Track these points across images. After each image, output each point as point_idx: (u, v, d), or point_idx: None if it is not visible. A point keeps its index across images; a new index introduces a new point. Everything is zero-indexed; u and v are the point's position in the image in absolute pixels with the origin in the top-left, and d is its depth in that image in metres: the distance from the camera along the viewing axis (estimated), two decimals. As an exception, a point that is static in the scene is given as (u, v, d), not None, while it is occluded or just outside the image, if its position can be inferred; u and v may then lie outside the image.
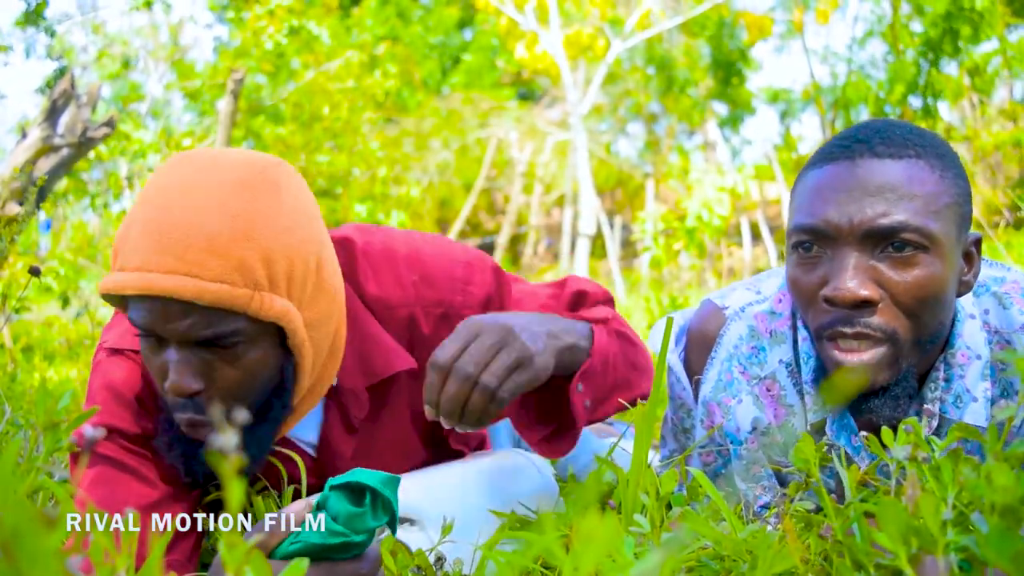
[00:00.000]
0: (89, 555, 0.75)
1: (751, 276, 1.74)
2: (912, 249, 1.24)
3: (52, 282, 6.26)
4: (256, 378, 1.26)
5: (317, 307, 1.27)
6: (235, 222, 1.18)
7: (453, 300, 1.48)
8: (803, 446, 0.98)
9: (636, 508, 1.11)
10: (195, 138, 8.72)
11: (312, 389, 1.37)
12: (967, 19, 11.82)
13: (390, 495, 1.11)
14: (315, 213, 1.30)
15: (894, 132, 1.31)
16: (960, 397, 1.38)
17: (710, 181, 10.48)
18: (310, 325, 1.26)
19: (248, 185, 1.21)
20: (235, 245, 1.18)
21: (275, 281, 1.20)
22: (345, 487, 1.11)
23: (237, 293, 1.17)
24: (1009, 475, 0.73)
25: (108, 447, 1.36)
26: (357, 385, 1.44)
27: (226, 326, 1.20)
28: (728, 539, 0.95)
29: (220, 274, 1.17)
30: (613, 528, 0.50)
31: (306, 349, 1.27)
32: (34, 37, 7.42)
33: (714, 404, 1.52)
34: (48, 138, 5.69)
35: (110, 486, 1.34)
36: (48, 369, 4.48)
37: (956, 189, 1.29)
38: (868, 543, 0.83)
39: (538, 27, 17.56)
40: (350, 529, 1.09)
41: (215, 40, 18.46)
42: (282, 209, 1.23)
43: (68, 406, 0.86)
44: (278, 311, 1.21)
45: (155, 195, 1.22)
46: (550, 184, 20.78)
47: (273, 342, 1.25)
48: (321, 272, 1.27)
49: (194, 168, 1.24)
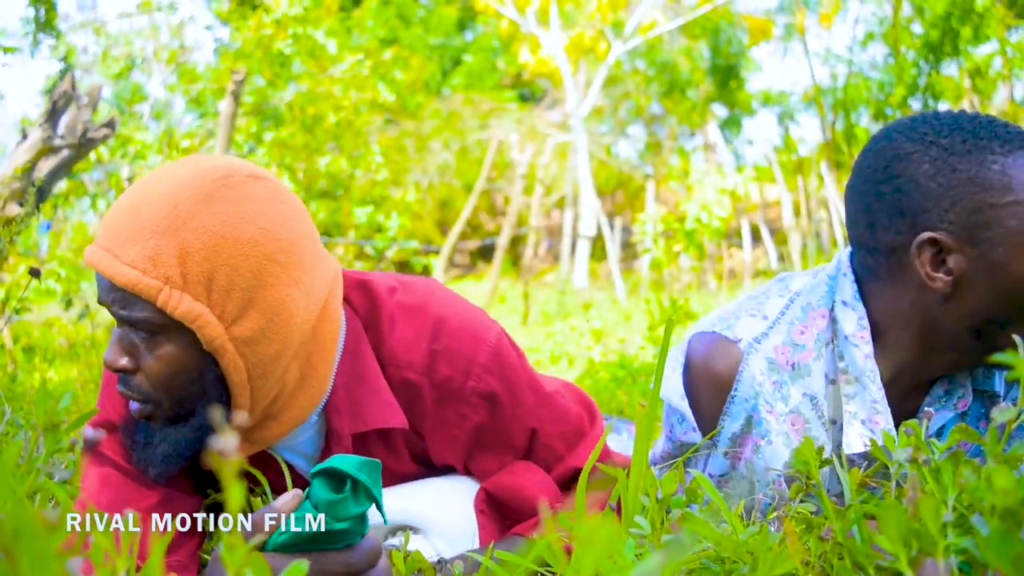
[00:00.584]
0: (89, 556, 0.75)
1: (744, 297, 1.61)
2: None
3: (55, 285, 6.26)
4: (172, 374, 1.25)
5: (249, 322, 1.24)
6: (169, 215, 1.20)
7: (464, 384, 1.42)
8: (803, 449, 0.98)
9: (636, 510, 1.11)
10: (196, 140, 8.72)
11: (276, 416, 1.35)
12: (967, 20, 11.82)
13: (366, 479, 1.10)
14: (279, 233, 1.26)
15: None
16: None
17: (710, 183, 10.48)
18: (241, 340, 1.24)
19: (204, 186, 1.22)
20: (158, 236, 1.19)
21: (189, 281, 1.20)
22: (327, 474, 1.11)
23: (146, 282, 1.18)
24: (1009, 477, 0.73)
25: (110, 445, 1.37)
26: (343, 428, 1.41)
27: (138, 312, 1.21)
28: (729, 541, 0.95)
29: (135, 259, 1.19)
30: (613, 530, 0.50)
31: (231, 361, 1.24)
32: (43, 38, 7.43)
33: (744, 439, 1.46)
34: (48, 139, 5.70)
35: (115, 488, 1.35)
36: (48, 370, 4.48)
37: None
38: (868, 545, 0.83)
39: (539, 29, 17.57)
40: (331, 516, 1.09)
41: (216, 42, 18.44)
42: (228, 216, 1.21)
43: (68, 407, 0.86)
44: (184, 311, 1.20)
45: (133, 185, 1.29)
46: (550, 186, 20.77)
47: (190, 343, 1.24)
48: (260, 290, 1.24)
49: (178, 165, 1.27)
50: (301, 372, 1.34)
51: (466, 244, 21.88)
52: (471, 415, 1.44)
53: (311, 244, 1.31)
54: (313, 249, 1.32)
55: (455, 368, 1.42)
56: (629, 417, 2.98)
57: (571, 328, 7.64)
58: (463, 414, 1.43)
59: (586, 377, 4.89)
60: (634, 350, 6.06)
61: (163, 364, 1.25)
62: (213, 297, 1.21)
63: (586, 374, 5.04)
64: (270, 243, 1.24)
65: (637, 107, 22.16)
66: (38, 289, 6.34)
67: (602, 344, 6.65)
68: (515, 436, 1.49)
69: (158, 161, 7.45)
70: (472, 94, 20.09)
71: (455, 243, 13.14)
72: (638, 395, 3.78)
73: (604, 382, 4.54)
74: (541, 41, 17.71)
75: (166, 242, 1.19)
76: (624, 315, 8.78)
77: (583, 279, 16.73)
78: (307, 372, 1.35)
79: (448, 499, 1.47)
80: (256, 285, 1.23)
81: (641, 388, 4.17)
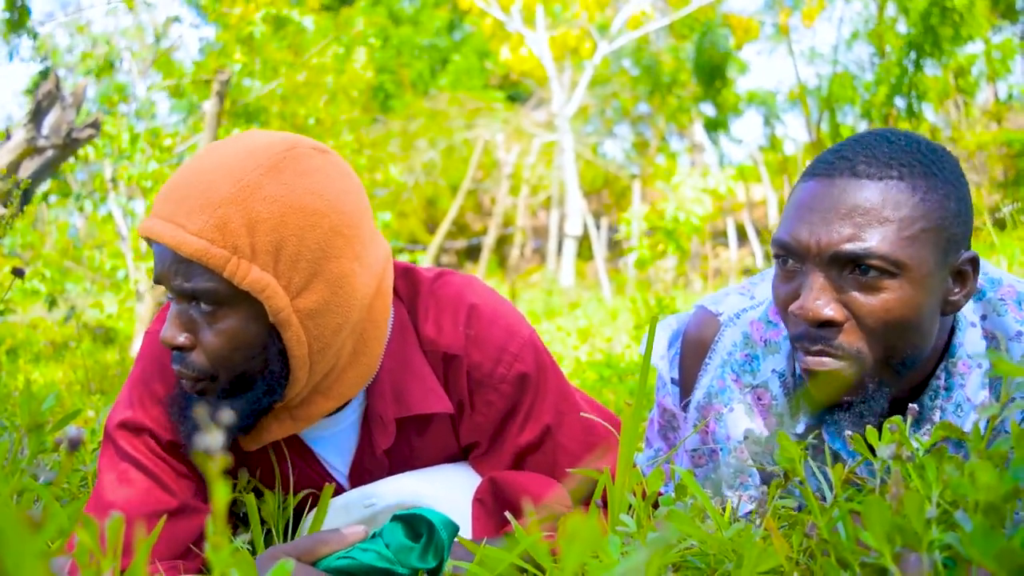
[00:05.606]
0: (77, 557, 0.74)
1: (745, 279, 1.72)
2: (878, 274, 1.23)
3: (40, 285, 6.23)
4: (234, 348, 1.25)
5: (314, 295, 1.24)
6: (235, 186, 1.19)
7: (494, 371, 1.42)
8: (788, 445, 0.99)
9: (622, 507, 1.11)
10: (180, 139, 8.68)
11: (325, 391, 1.35)
12: (948, 19, 11.87)
13: (446, 539, 1.13)
14: (343, 206, 1.26)
15: (882, 150, 1.28)
16: (961, 406, 1.38)
17: (690, 183, 10.52)
18: (305, 312, 1.24)
19: (266, 158, 1.23)
20: (225, 206, 1.18)
21: (258, 251, 1.19)
22: (406, 521, 1.14)
23: (214, 252, 1.17)
24: (992, 473, 0.74)
25: (136, 446, 1.36)
26: (387, 414, 1.41)
27: (204, 283, 1.20)
28: (714, 538, 0.95)
29: (202, 229, 1.18)
30: (598, 527, 0.50)
31: (295, 333, 1.24)
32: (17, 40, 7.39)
33: (707, 409, 1.52)
34: (32, 139, 5.66)
35: (133, 487, 1.34)
36: (33, 371, 4.46)
37: (941, 211, 1.26)
38: (853, 541, 0.84)
39: (524, 28, 17.58)
40: (397, 560, 1.11)
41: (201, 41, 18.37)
42: (293, 187, 1.22)
43: (53, 408, 0.86)
44: (252, 280, 1.19)
45: (192, 157, 1.27)
46: (537, 185, 20.80)
47: (254, 315, 1.23)
48: (325, 262, 1.24)
49: (236, 139, 1.27)
50: (355, 348, 1.35)
51: (453, 244, 21.89)
52: (497, 402, 1.43)
53: (369, 220, 1.33)
54: (370, 226, 1.34)
55: (485, 355, 1.42)
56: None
57: (558, 328, 7.65)
58: (489, 401, 1.43)
59: (573, 377, 4.89)
60: (620, 349, 6.07)
61: (225, 338, 1.24)
62: (280, 268, 1.21)
63: (573, 374, 5.04)
64: (335, 215, 1.25)
65: (624, 107, 22.19)
66: (23, 290, 6.30)
67: (589, 343, 6.66)
68: (537, 422, 1.46)
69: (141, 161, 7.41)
70: (459, 93, 20.08)
71: (441, 243, 13.13)
72: (625, 394, 3.79)
73: (591, 381, 4.55)
74: (527, 40, 17.71)
75: (234, 212, 1.18)
76: (610, 314, 8.79)
77: (569, 279, 16.75)
78: (360, 348, 1.36)
79: (457, 484, 1.47)
80: (321, 257, 1.24)
81: (628, 387, 4.18)
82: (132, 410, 1.38)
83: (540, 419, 1.45)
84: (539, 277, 18.43)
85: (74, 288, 8.59)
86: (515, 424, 1.44)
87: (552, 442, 1.47)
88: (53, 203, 8.20)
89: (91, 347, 6.53)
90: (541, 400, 1.46)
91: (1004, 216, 4.55)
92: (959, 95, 12.63)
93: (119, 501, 1.33)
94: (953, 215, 1.27)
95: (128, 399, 1.41)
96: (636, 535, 1.02)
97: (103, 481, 1.36)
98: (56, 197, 8.10)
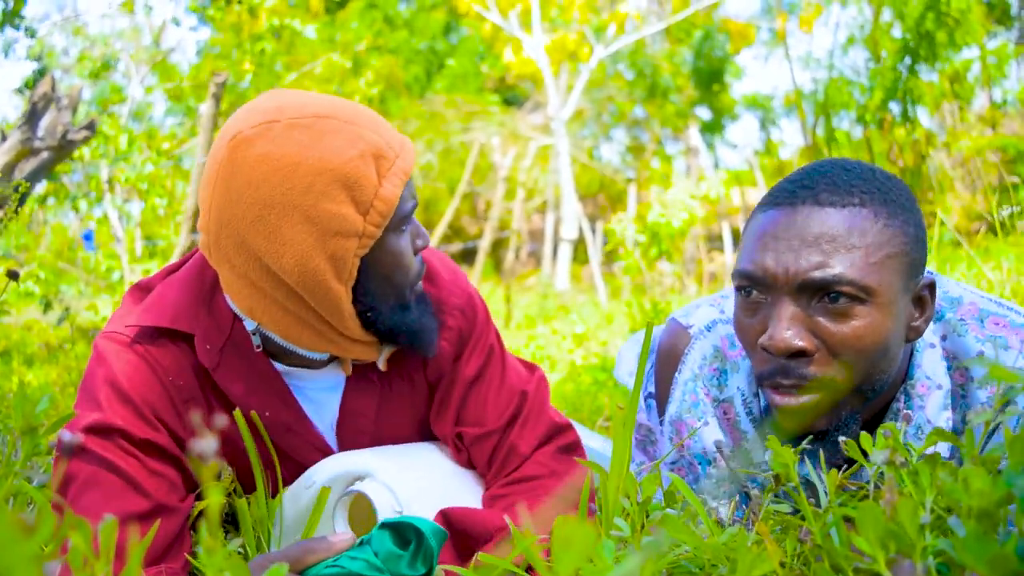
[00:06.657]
0: (71, 561, 0.74)
1: (716, 292, 1.72)
2: (848, 301, 1.23)
3: (34, 287, 6.21)
4: None
5: None
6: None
7: (448, 300, 1.58)
8: (781, 451, 0.99)
9: (616, 512, 1.11)
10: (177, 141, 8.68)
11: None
12: (943, 24, 11.89)
13: (435, 547, 1.13)
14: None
15: (842, 178, 1.29)
16: (921, 428, 1.38)
17: (682, 187, 10.52)
18: None
19: None
20: None
21: None
22: (394, 529, 1.14)
23: None
24: (985, 479, 0.74)
25: (106, 447, 1.32)
26: None
27: None
28: (707, 543, 0.95)
29: None
30: (591, 532, 0.50)
31: None
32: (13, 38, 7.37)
33: (681, 423, 1.53)
34: (28, 141, 5.66)
35: (102, 490, 1.31)
36: (27, 373, 4.45)
37: (903, 237, 1.27)
38: (846, 547, 0.84)
39: (521, 33, 17.59)
40: (387, 567, 1.11)
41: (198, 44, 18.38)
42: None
43: (47, 410, 0.86)
44: None
45: None
46: (532, 189, 20.80)
47: None
48: None
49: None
50: None
51: (448, 247, 21.89)
52: (449, 322, 1.57)
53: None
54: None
55: (440, 288, 1.57)
56: (610, 420, 2.98)
57: (553, 331, 7.64)
58: (449, 327, 1.57)
59: (568, 380, 4.89)
60: (616, 353, 6.07)
61: None
62: None
63: (568, 377, 5.04)
64: None
65: (620, 111, 22.21)
66: (17, 292, 6.29)
67: (584, 347, 6.65)
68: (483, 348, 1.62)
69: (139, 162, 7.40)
70: (455, 96, 20.09)
71: (437, 246, 13.11)
72: (619, 398, 3.79)
73: (586, 385, 4.54)
74: (524, 44, 17.72)
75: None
76: (606, 318, 8.79)
77: (565, 282, 16.75)
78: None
79: (416, 456, 1.55)
80: None
81: (623, 391, 4.18)
82: (100, 412, 1.34)
83: (486, 343, 1.62)
84: (535, 281, 18.43)
85: (68, 290, 8.58)
86: (468, 349, 1.60)
87: (497, 365, 1.63)
88: (50, 205, 8.19)
89: (85, 350, 6.52)
90: (485, 326, 1.63)
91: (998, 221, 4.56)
92: (954, 100, 12.65)
93: (84, 503, 1.30)
94: (913, 240, 1.29)
95: (93, 401, 1.37)
96: (630, 539, 1.02)
97: (73, 489, 1.32)
98: (53, 200, 8.08)
